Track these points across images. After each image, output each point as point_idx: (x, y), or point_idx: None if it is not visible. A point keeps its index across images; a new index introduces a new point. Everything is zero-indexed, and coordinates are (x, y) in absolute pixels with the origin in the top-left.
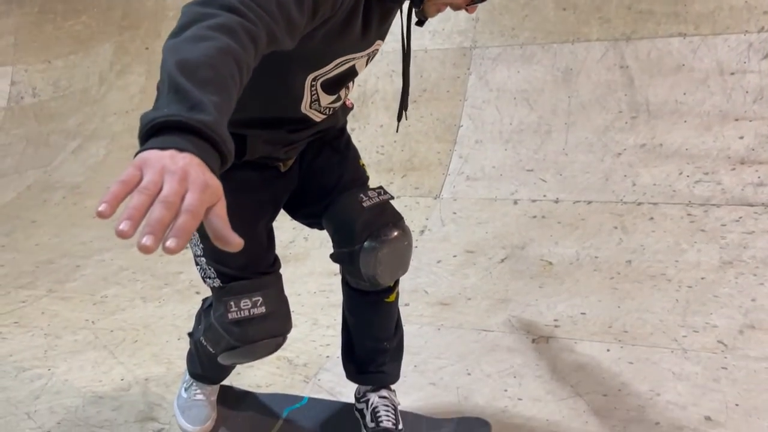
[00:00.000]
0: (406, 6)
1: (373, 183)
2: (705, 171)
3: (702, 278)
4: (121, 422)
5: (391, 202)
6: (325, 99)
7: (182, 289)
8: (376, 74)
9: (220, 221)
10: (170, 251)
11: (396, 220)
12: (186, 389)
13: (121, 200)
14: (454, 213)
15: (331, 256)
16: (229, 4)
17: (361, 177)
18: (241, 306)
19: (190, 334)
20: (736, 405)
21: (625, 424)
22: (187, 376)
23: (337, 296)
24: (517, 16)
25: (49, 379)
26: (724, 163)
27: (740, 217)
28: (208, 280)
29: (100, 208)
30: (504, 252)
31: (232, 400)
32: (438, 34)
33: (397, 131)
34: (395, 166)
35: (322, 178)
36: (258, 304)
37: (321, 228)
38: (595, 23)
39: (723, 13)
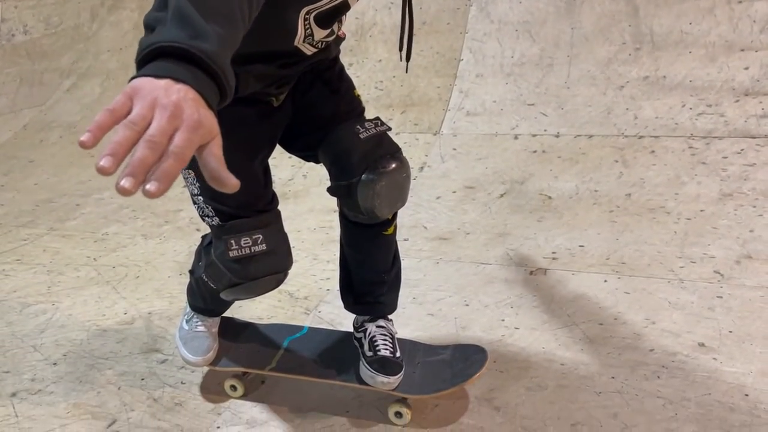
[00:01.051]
0: None
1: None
2: (708, 103)
3: (701, 210)
4: (125, 354)
5: (389, 134)
6: (319, 33)
7: (182, 226)
8: (374, 6)
9: (216, 161)
10: (150, 195)
11: (394, 151)
12: (187, 321)
13: (107, 130)
14: (454, 149)
15: (329, 189)
16: None
17: (357, 108)
18: (242, 244)
19: (191, 272)
20: (730, 332)
21: (620, 351)
22: (188, 309)
23: (336, 232)
24: None
25: (53, 313)
26: (728, 94)
27: (742, 149)
28: (206, 218)
29: (82, 138)
30: (503, 187)
31: (233, 332)
32: None
33: (406, 71)
34: (394, 102)
35: (316, 110)
36: (258, 242)
37: (317, 161)
38: None
39: None
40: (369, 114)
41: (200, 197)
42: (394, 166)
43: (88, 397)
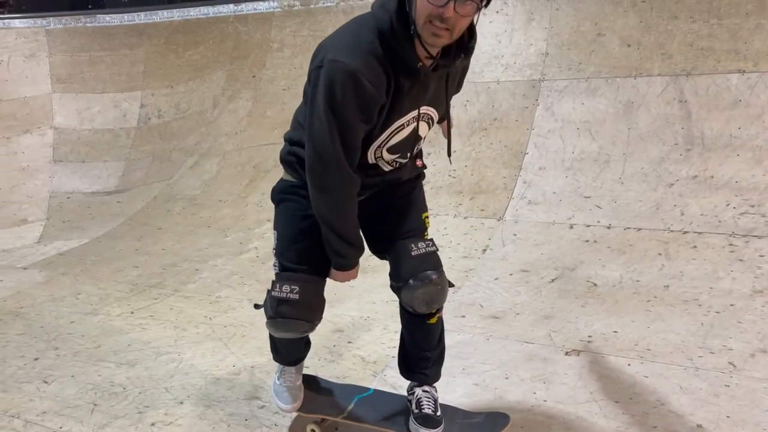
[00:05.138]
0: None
1: (444, 204)
2: (752, 203)
3: (731, 305)
4: (233, 399)
5: (437, 252)
6: (389, 157)
7: None
8: (452, 103)
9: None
10: None
11: (435, 268)
12: (279, 377)
13: None
14: (515, 234)
15: (390, 285)
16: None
17: (419, 228)
18: (283, 289)
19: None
20: (728, 417)
21: (627, 426)
22: (278, 366)
23: None
24: (584, 51)
25: (179, 362)
26: None
27: None
28: (274, 267)
29: None
30: (555, 272)
31: (316, 387)
32: (510, 68)
33: (450, 163)
34: (465, 189)
35: (386, 219)
36: (294, 292)
37: (383, 259)
38: (658, 59)
39: None
40: (442, 200)
41: (274, 250)
42: (431, 280)
43: (206, 431)
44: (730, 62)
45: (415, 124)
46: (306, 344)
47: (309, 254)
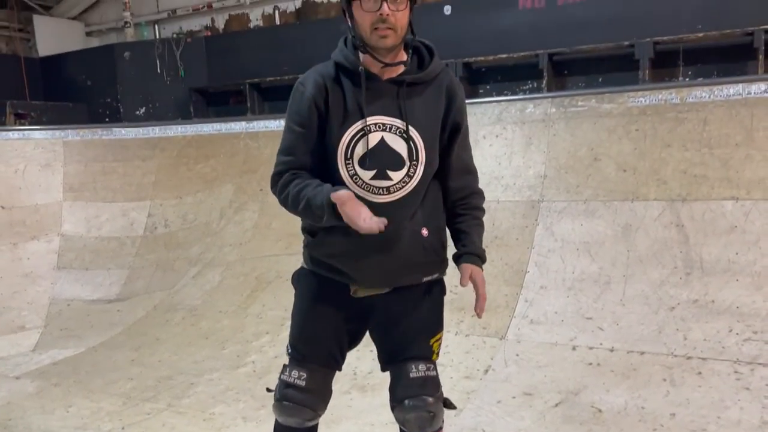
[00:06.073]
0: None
1: (445, 320)
2: (754, 330)
3: None
4: None
5: (437, 377)
6: (365, 174)
7: None
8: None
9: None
10: None
11: (431, 393)
12: None
13: None
14: (517, 355)
15: (389, 400)
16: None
17: (424, 353)
18: (291, 374)
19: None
20: None
21: None
22: None
23: None
24: (581, 174)
25: None
26: None
27: None
28: (287, 350)
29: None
30: (559, 396)
31: None
32: (510, 188)
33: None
34: (466, 305)
35: (394, 332)
36: (302, 378)
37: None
38: (653, 184)
39: None
40: (444, 316)
41: (289, 337)
42: (425, 405)
43: None
44: (724, 189)
45: (378, 132)
46: None
47: (319, 343)
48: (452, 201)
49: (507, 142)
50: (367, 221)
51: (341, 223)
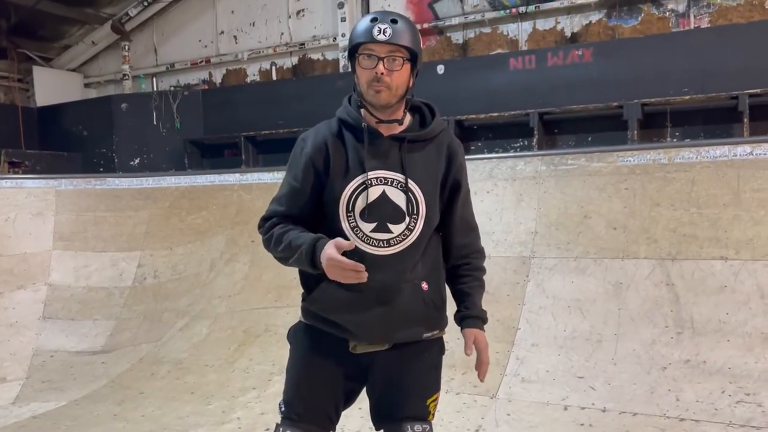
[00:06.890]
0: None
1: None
2: (746, 392)
3: None
4: None
5: None
6: (366, 227)
7: None
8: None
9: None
10: None
11: None
12: None
13: None
14: (508, 414)
15: None
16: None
17: (420, 414)
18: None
19: None
20: None
21: None
22: None
23: None
24: (572, 232)
25: None
26: (766, 385)
27: None
28: (279, 408)
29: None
30: None
31: None
32: (500, 244)
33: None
34: (457, 363)
35: (390, 393)
36: None
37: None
38: (643, 242)
39: (761, 240)
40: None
41: (283, 394)
42: None
43: None
44: (713, 249)
45: (379, 186)
46: None
47: (314, 402)
48: (454, 259)
49: (498, 198)
50: (351, 264)
51: (316, 270)
